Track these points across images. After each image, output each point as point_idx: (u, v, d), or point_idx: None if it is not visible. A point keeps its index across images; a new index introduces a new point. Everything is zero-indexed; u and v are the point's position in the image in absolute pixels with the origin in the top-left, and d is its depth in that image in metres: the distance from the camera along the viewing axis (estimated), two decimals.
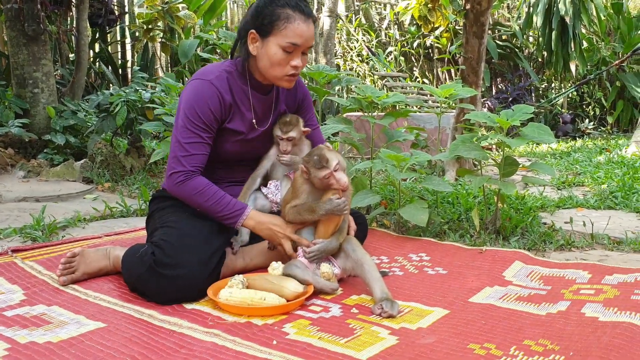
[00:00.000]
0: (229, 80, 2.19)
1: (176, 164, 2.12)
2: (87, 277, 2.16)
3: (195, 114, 2.11)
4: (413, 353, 1.55)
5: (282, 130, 2.26)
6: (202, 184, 2.12)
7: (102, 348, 1.58)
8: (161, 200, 2.32)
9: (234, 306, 1.85)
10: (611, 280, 2.12)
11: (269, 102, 2.32)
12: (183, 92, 2.19)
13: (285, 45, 2.08)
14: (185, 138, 2.12)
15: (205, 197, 2.10)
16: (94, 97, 4.96)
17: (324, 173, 2.01)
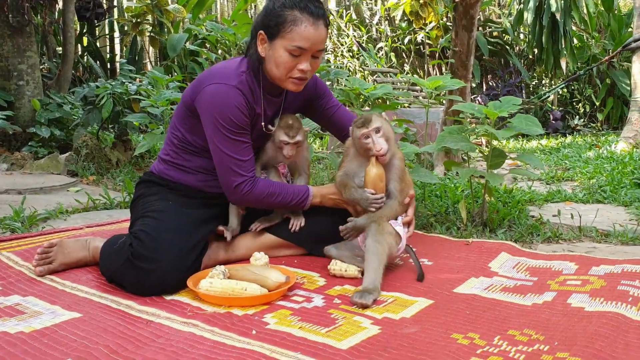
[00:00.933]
0: (248, 83, 2.13)
1: (236, 176, 2.09)
2: (65, 268, 2.12)
3: (231, 121, 2.05)
4: (395, 343, 1.52)
5: (289, 135, 2.19)
6: (267, 186, 2.15)
7: (76, 338, 1.54)
8: (148, 185, 2.26)
9: (214, 296, 1.81)
10: (598, 271, 2.10)
11: (279, 104, 2.27)
12: (203, 98, 2.08)
13: (291, 48, 2.02)
14: (231, 149, 2.07)
15: (274, 196, 2.15)
16: (79, 90, 4.90)
17: (362, 131, 2.03)
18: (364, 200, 2.05)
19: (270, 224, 2.29)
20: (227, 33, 4.46)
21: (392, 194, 2.11)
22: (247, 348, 1.48)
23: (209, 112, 2.06)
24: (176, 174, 2.24)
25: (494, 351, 1.47)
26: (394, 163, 2.12)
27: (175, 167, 2.25)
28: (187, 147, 2.21)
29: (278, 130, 2.21)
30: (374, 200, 2.04)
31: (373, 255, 1.94)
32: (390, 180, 2.11)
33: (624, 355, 1.42)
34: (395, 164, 2.12)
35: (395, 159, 2.12)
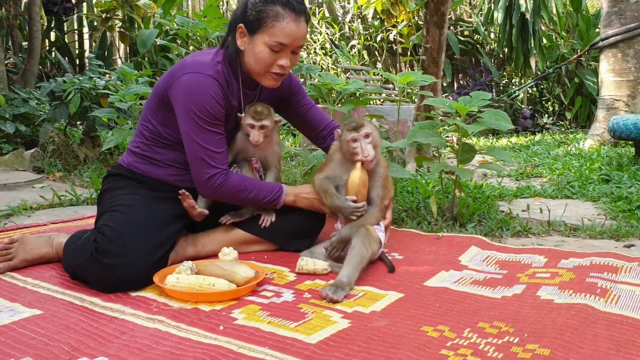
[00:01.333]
0: (224, 73, 2.09)
1: (208, 168, 2.04)
2: (26, 265, 2.05)
3: (206, 110, 2.01)
4: (364, 336, 1.50)
5: (255, 119, 2.16)
6: (240, 180, 2.11)
7: (35, 335, 1.49)
8: (116, 178, 2.21)
9: (180, 292, 1.77)
10: (567, 264, 2.11)
11: (254, 97, 2.25)
12: (178, 88, 2.04)
13: (272, 44, 1.99)
14: (205, 140, 2.03)
15: (246, 191, 2.11)
16: (46, 85, 4.78)
17: (352, 135, 2.03)
18: (345, 209, 2.05)
19: (241, 219, 2.25)
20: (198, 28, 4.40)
21: (374, 201, 2.12)
22: (214, 344, 1.44)
23: (184, 102, 2.02)
24: (146, 167, 2.19)
25: (464, 343, 1.46)
26: (377, 170, 2.12)
27: (146, 160, 2.20)
28: (158, 140, 2.17)
29: (246, 115, 2.18)
30: (356, 208, 2.04)
31: (357, 255, 1.93)
32: (373, 187, 2.12)
33: (593, 346, 1.43)
34: (379, 172, 2.13)
35: (379, 167, 2.12)
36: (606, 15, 6.11)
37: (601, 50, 6.21)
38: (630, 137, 4.38)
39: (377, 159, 2.09)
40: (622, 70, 6.01)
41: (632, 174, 3.92)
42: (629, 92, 6.00)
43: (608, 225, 2.72)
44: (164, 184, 2.19)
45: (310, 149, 5.45)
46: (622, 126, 4.42)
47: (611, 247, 2.41)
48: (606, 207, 3.14)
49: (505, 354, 1.40)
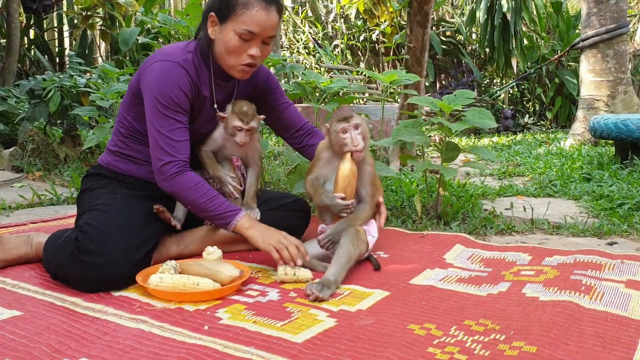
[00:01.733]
0: (194, 62, 2.06)
1: (163, 155, 1.98)
2: (5, 265, 2.02)
3: (168, 97, 1.97)
4: (351, 335, 1.49)
5: (243, 121, 2.13)
6: (197, 180, 2.01)
7: (15, 337, 1.45)
8: (96, 177, 2.18)
9: (164, 292, 1.74)
10: (551, 261, 2.12)
11: (230, 89, 2.21)
12: (147, 76, 2.02)
13: (241, 32, 1.96)
14: (165, 127, 1.98)
15: (199, 194, 1.98)
16: (25, 83, 4.71)
17: (342, 125, 2.02)
18: (334, 207, 2.03)
19: None
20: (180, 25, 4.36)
21: (364, 198, 2.12)
22: (199, 344, 1.42)
23: (150, 89, 2.00)
24: (125, 166, 2.16)
25: (451, 341, 1.45)
26: (365, 169, 2.11)
27: (124, 159, 2.16)
28: (135, 137, 2.13)
29: (231, 116, 2.15)
30: (345, 206, 2.02)
31: (345, 254, 1.92)
32: (362, 186, 2.10)
33: (579, 343, 1.43)
34: (367, 170, 2.12)
35: (366, 165, 2.12)
36: (586, 16, 6.17)
37: (581, 51, 6.28)
38: (610, 136, 4.43)
39: (364, 154, 2.08)
40: (602, 70, 6.08)
41: (613, 173, 3.96)
42: (609, 92, 6.07)
43: (590, 223, 2.75)
44: (144, 182, 2.16)
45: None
46: (602, 126, 4.46)
47: (594, 244, 2.42)
48: (588, 205, 3.17)
49: (492, 351, 1.40)
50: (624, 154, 4.43)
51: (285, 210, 2.34)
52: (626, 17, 6.13)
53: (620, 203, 3.08)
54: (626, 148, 4.44)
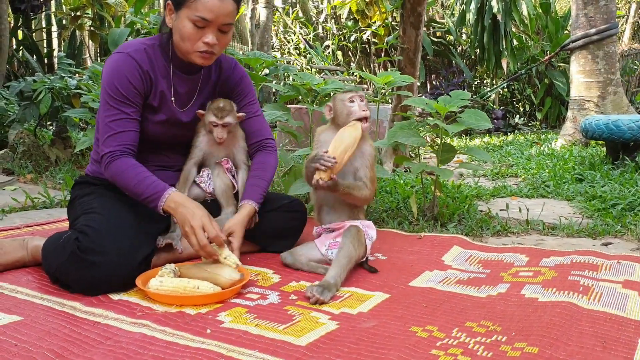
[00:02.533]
0: (148, 53, 2.05)
1: (104, 145, 1.98)
2: (1, 269, 1.99)
3: (115, 88, 1.97)
4: (354, 338, 1.49)
5: (218, 116, 2.13)
6: (127, 164, 1.96)
7: (17, 342, 1.44)
8: (84, 185, 2.17)
9: (164, 295, 1.73)
10: (548, 262, 2.14)
11: (193, 83, 2.19)
12: (103, 69, 2.05)
13: (194, 19, 1.94)
14: (108, 117, 1.98)
15: (130, 176, 1.94)
16: (15, 84, 4.67)
17: (350, 95, 2.06)
18: (313, 159, 1.97)
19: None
20: None
21: (361, 180, 2.09)
22: (203, 347, 1.42)
23: (102, 81, 2.01)
24: None
25: (453, 343, 1.46)
26: (365, 150, 2.10)
27: None
28: None
29: (208, 113, 2.16)
30: (322, 156, 1.95)
31: (345, 256, 1.92)
32: (361, 167, 2.09)
33: (579, 343, 1.44)
34: (367, 151, 2.11)
35: (367, 145, 2.11)
36: (576, 17, 6.22)
37: (571, 52, 6.33)
38: (602, 137, 4.46)
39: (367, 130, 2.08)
40: (592, 71, 6.14)
41: (605, 174, 4.00)
42: (599, 92, 6.12)
43: (585, 224, 2.77)
44: None
45: (287, 150, 5.42)
46: (594, 126, 4.50)
47: (589, 245, 2.45)
48: (581, 206, 3.20)
49: (494, 352, 1.40)
50: (615, 155, 4.48)
51: (281, 212, 2.34)
52: (615, 19, 6.19)
53: (613, 203, 3.11)
54: (617, 149, 4.49)
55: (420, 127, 2.84)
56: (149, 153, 2.17)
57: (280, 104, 3.48)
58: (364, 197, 2.08)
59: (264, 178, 2.23)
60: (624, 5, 12.61)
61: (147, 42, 2.09)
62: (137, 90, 2.01)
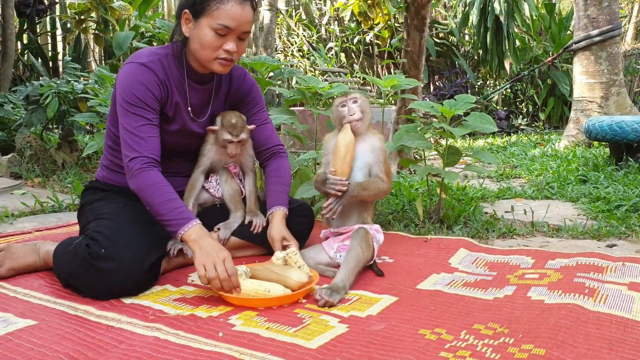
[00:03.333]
0: (162, 63, 2.08)
1: (129, 151, 1.98)
2: (13, 274, 2.03)
3: (134, 96, 1.99)
4: (364, 340, 1.52)
5: (233, 134, 2.15)
6: (157, 179, 1.95)
7: (33, 346, 1.47)
8: (93, 191, 2.21)
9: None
10: (554, 264, 2.16)
11: (207, 93, 2.22)
12: (117, 78, 2.07)
13: (216, 27, 1.96)
14: (130, 124, 1.99)
15: (155, 194, 1.91)
16: (22, 89, 4.70)
17: (340, 100, 2.13)
18: (329, 185, 2.03)
19: (231, 231, 2.25)
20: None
21: (377, 175, 2.13)
22: (216, 350, 1.44)
23: (118, 90, 2.04)
24: (121, 178, 2.18)
25: (462, 345, 1.48)
26: (375, 145, 2.14)
27: (118, 172, 2.20)
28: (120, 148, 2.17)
29: (221, 130, 2.17)
30: (334, 182, 2.01)
31: (354, 259, 1.95)
32: (374, 163, 2.12)
33: (586, 345, 1.46)
34: (377, 145, 2.14)
35: (376, 141, 2.14)
36: (579, 18, 6.23)
37: (575, 53, 6.34)
38: (605, 138, 4.48)
39: (365, 127, 2.13)
40: (596, 72, 6.15)
41: (609, 175, 4.01)
42: (602, 93, 6.13)
43: (589, 225, 2.79)
44: None
45: (292, 152, 5.44)
46: (597, 127, 4.51)
47: (594, 247, 2.46)
48: (586, 207, 3.21)
49: (502, 354, 1.43)
50: (619, 156, 4.49)
51: (289, 216, 2.36)
52: (618, 19, 6.20)
53: (618, 205, 3.12)
54: (621, 150, 4.50)
55: (426, 130, 2.86)
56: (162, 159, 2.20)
57: (286, 107, 3.51)
58: (382, 190, 2.13)
59: (284, 183, 2.30)
60: (627, 5, 12.62)
61: (159, 52, 2.10)
62: (155, 98, 2.04)
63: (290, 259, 1.96)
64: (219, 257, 1.80)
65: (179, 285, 1.98)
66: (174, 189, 2.17)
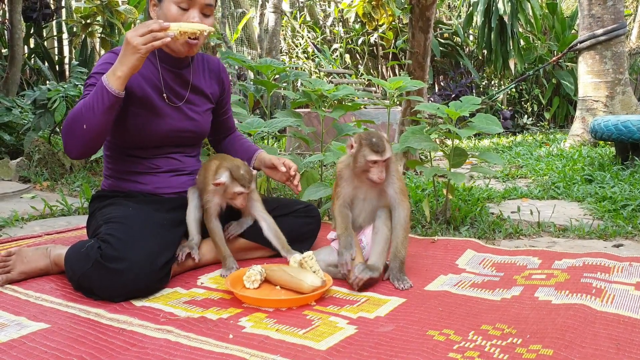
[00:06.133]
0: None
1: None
2: (25, 277, 2.05)
3: (96, 72, 2.06)
4: (373, 342, 1.53)
5: (245, 187, 2.12)
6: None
7: (46, 349, 1.49)
8: (102, 199, 2.25)
9: (248, 297, 1.83)
10: (561, 264, 2.17)
11: (184, 78, 2.28)
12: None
13: (179, 1, 2.07)
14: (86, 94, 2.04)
15: (77, 107, 1.96)
16: (30, 93, 4.74)
17: (374, 158, 1.91)
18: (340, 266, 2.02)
19: (242, 229, 2.27)
20: None
21: (394, 198, 2.02)
22: (226, 352, 1.46)
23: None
24: (126, 184, 2.25)
25: (470, 346, 1.50)
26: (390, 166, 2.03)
27: (121, 178, 2.26)
28: (121, 153, 2.25)
29: (232, 184, 2.10)
30: (356, 277, 1.95)
31: (382, 240, 2.01)
32: (389, 183, 2.01)
33: (594, 345, 1.47)
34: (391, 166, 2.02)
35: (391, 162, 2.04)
36: (584, 17, 6.23)
37: (579, 52, 6.34)
38: (611, 137, 4.48)
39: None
40: (601, 71, 6.14)
41: (614, 174, 4.01)
42: (607, 93, 6.13)
43: (595, 225, 2.80)
44: (148, 194, 2.24)
45: (298, 153, 5.46)
46: (603, 127, 4.52)
47: (600, 247, 2.47)
48: (592, 207, 3.22)
49: (510, 355, 1.44)
50: (625, 155, 4.49)
51: (296, 217, 2.39)
52: (623, 18, 6.19)
53: (624, 204, 3.13)
54: (626, 149, 4.50)
55: (432, 131, 2.88)
56: (158, 158, 2.26)
57: (291, 109, 3.53)
58: (408, 221, 2.04)
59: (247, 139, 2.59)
60: (632, 4, 12.59)
61: None
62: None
63: (306, 262, 1.98)
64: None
65: (189, 287, 2.00)
66: (177, 189, 2.24)
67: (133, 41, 1.85)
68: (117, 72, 1.91)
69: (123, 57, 1.89)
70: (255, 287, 1.92)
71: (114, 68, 1.92)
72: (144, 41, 1.85)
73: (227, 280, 1.91)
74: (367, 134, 1.98)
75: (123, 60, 1.89)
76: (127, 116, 2.16)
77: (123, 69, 1.90)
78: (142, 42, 1.85)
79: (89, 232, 2.21)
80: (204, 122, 2.36)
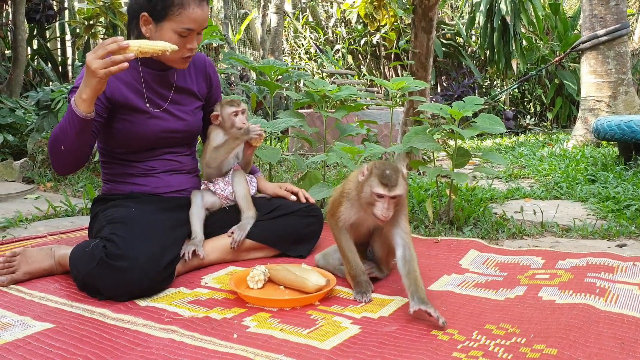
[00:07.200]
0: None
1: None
2: (29, 277, 2.06)
3: (75, 88, 2.05)
4: (377, 341, 1.53)
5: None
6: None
7: (51, 349, 1.49)
8: (103, 202, 2.27)
9: (252, 297, 1.83)
10: (564, 264, 2.17)
11: (167, 79, 2.28)
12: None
13: (180, 30, 2.09)
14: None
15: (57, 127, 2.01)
16: (33, 94, 4.76)
17: (381, 192, 1.74)
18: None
19: (246, 232, 2.28)
20: None
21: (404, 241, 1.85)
22: (230, 352, 1.47)
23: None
24: (125, 187, 2.28)
25: (474, 346, 1.50)
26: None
27: (119, 182, 2.29)
28: (115, 158, 2.27)
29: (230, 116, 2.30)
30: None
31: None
32: (399, 216, 1.85)
33: (598, 345, 1.47)
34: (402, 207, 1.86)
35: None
36: (586, 17, 6.23)
37: (582, 52, 6.33)
38: (614, 137, 4.48)
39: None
40: (604, 71, 6.14)
41: (617, 174, 4.01)
42: (610, 93, 6.12)
43: (599, 225, 2.79)
44: (150, 196, 2.25)
45: (300, 154, 5.47)
46: (606, 127, 4.51)
47: (604, 246, 2.47)
48: (595, 207, 3.22)
49: (514, 354, 1.44)
50: (628, 155, 4.49)
51: (298, 217, 2.39)
52: (626, 18, 6.19)
53: (627, 204, 3.12)
54: (630, 149, 4.49)
55: (435, 131, 2.88)
56: (153, 160, 2.28)
57: (294, 110, 3.54)
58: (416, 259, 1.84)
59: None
60: (635, 4, 12.58)
61: None
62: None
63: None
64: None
65: (193, 287, 2.00)
66: (176, 188, 2.25)
67: (92, 65, 1.83)
68: (82, 95, 1.91)
69: (86, 78, 1.89)
70: (259, 288, 1.93)
71: (79, 90, 1.92)
72: (102, 65, 1.82)
73: (231, 281, 1.91)
74: (382, 164, 1.80)
75: (86, 82, 1.89)
76: (114, 123, 2.18)
77: (87, 91, 1.90)
78: (100, 67, 1.82)
79: (91, 234, 2.22)
80: (195, 121, 2.37)
